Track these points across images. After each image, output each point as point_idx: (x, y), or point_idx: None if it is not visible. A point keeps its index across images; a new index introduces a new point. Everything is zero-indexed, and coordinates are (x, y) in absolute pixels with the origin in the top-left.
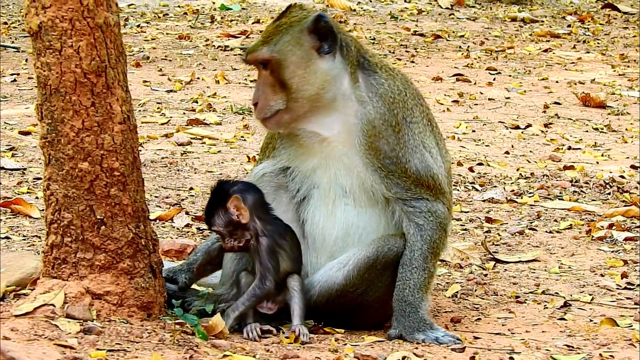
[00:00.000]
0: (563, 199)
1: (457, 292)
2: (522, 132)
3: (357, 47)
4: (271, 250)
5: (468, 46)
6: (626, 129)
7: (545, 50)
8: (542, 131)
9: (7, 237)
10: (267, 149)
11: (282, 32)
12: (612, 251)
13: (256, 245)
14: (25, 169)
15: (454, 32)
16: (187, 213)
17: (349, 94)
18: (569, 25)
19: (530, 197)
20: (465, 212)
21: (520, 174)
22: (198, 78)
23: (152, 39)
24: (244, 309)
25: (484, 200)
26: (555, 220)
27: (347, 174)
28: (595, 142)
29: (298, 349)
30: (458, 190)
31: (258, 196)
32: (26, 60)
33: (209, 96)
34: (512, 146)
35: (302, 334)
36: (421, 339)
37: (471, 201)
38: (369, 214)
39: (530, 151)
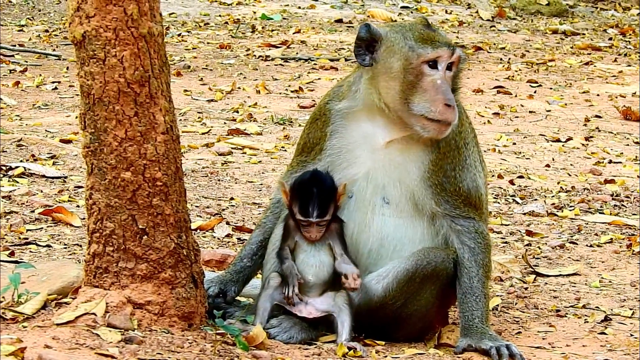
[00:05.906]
0: (604, 213)
1: (497, 305)
2: (562, 145)
3: None
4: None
5: (509, 58)
6: None
7: (587, 63)
8: (583, 144)
9: (48, 246)
10: (313, 149)
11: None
12: None
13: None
14: (66, 177)
15: (495, 44)
16: (227, 223)
17: None
18: (610, 38)
19: (571, 210)
20: (506, 225)
21: (561, 187)
22: (239, 88)
23: (193, 48)
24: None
25: (524, 214)
26: (596, 234)
27: (397, 184)
28: (636, 156)
29: None
30: (498, 203)
31: None
32: (67, 68)
33: (249, 106)
34: (553, 159)
35: (360, 349)
36: (492, 345)
37: (512, 214)
38: (407, 225)
39: (571, 164)
